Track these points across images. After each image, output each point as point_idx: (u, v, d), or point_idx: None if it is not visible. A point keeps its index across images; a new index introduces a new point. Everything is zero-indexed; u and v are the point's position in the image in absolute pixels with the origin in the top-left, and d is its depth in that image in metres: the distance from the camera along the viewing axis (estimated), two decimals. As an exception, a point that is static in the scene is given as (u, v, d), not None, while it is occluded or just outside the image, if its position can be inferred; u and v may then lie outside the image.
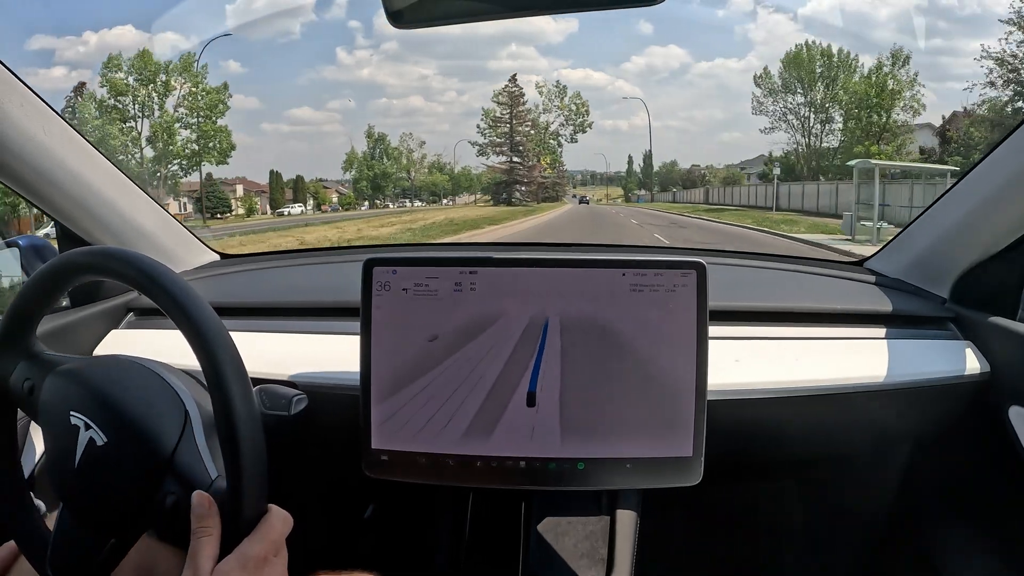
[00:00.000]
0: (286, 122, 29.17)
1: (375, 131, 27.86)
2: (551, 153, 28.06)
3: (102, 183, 1.01)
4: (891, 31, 23.38)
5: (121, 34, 18.86)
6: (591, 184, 30.95)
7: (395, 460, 0.74)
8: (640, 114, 32.10)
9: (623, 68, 32.33)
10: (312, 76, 29.18)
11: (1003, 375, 0.88)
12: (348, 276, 0.81)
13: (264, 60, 26.94)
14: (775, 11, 27.67)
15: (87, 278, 0.65)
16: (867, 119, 21.31)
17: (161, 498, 0.57)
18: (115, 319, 1.06)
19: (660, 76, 33.11)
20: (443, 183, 28.34)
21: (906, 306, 0.98)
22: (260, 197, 24.04)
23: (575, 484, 0.73)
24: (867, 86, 21.17)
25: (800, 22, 26.74)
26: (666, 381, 0.72)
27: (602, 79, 33.22)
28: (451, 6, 0.74)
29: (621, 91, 32.85)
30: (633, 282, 0.72)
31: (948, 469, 1.05)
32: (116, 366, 0.67)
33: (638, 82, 32.89)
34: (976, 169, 0.90)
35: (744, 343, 0.91)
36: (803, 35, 26.10)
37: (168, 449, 0.59)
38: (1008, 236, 0.88)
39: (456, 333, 0.73)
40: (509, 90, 27.78)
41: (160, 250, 1.13)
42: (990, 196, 0.88)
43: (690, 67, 32.40)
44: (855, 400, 0.87)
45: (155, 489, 0.58)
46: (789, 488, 1.26)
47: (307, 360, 0.89)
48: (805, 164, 22.45)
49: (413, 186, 27.89)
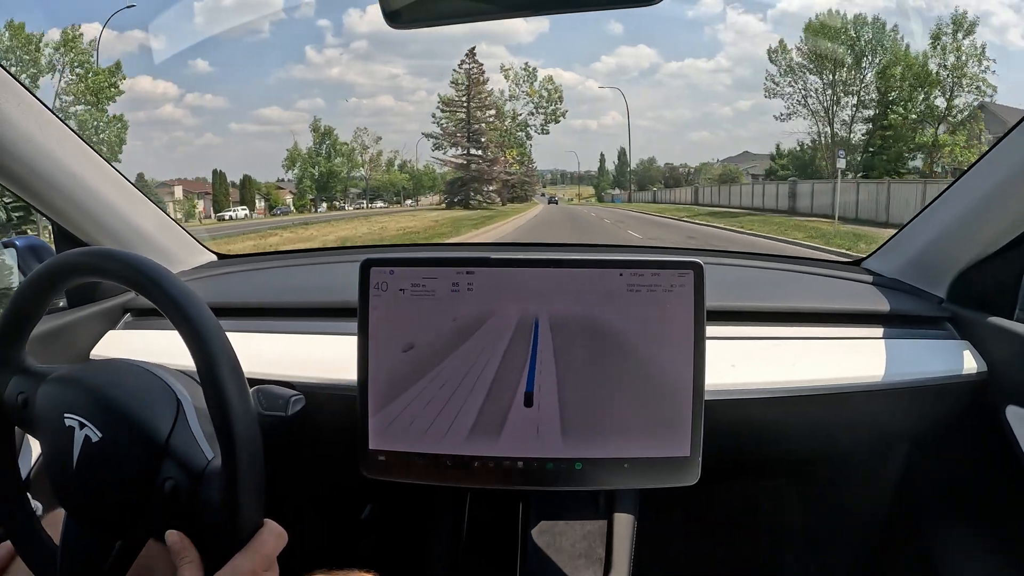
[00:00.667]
0: (254, 122, 28.52)
1: (321, 124, 23.69)
2: (519, 146, 23.67)
3: (99, 183, 1.00)
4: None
5: (84, 31, 18.42)
6: (561, 183, 29.68)
7: (392, 461, 0.74)
8: (611, 113, 31.81)
9: (593, 68, 32.31)
10: (281, 75, 28.52)
11: (1000, 374, 0.88)
12: (345, 276, 0.81)
13: (232, 59, 26.29)
14: (744, 11, 27.58)
15: (84, 279, 0.65)
16: (924, 100, 16.67)
17: (160, 484, 0.58)
18: (112, 320, 1.06)
19: (630, 76, 33.02)
20: (402, 182, 25.07)
21: (903, 306, 0.98)
22: (204, 199, 21.52)
23: (573, 484, 0.73)
24: (924, 59, 16.49)
25: (770, 22, 26.58)
26: (663, 381, 0.72)
27: (572, 79, 33.15)
28: (448, 6, 0.74)
29: (591, 91, 32.76)
30: (630, 282, 0.72)
31: (946, 469, 1.05)
32: (106, 367, 0.67)
33: (608, 82, 32.86)
34: (973, 169, 0.90)
35: (741, 343, 0.91)
36: (774, 35, 25.85)
37: (163, 435, 0.59)
38: (1005, 236, 0.89)
39: (453, 333, 0.73)
40: (467, 68, 22.75)
41: (157, 250, 1.13)
42: (987, 196, 0.88)
43: (660, 67, 32.48)
44: (853, 400, 0.87)
45: (153, 476, 0.58)
46: (787, 488, 1.26)
47: (304, 361, 0.89)
48: (825, 157, 18.55)
49: (369, 186, 24.51)
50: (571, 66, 35.45)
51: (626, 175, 27.45)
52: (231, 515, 0.56)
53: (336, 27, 29.82)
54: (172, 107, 22.52)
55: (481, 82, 22.94)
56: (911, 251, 1.05)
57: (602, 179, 28.66)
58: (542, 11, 0.78)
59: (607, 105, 33.69)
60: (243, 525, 0.56)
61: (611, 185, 28.36)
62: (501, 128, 23.22)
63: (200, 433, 0.61)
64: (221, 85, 25.90)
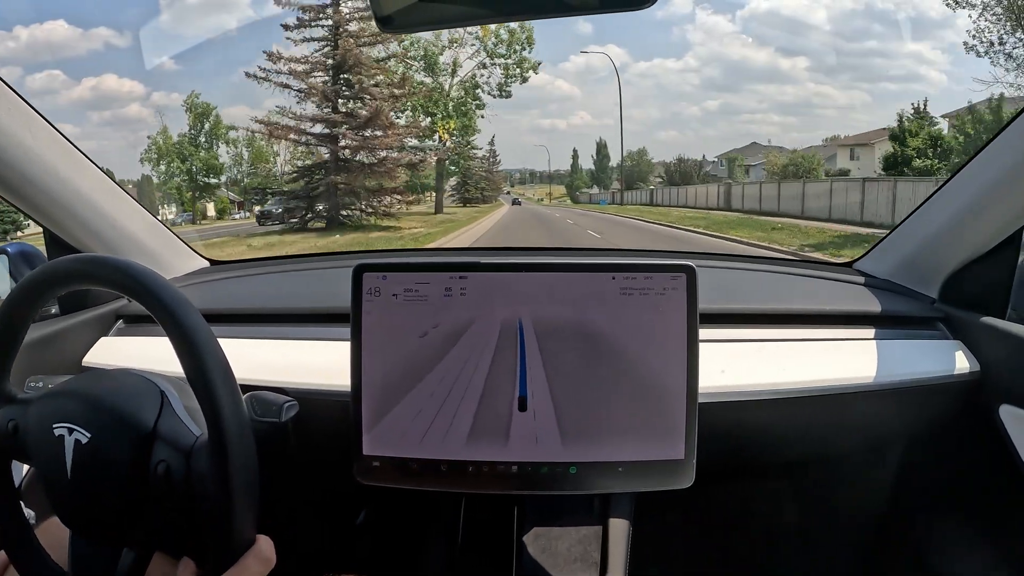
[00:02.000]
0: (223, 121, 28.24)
1: (199, 100, 15.39)
2: (462, 117, 15.08)
3: (91, 188, 1.00)
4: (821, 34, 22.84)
5: (52, 29, 18.05)
6: (530, 183, 28.06)
7: (387, 466, 0.74)
8: (580, 113, 31.51)
9: (562, 68, 32.28)
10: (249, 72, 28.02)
11: (993, 374, 0.89)
12: (338, 282, 0.81)
13: (199, 56, 25.68)
14: (714, 12, 27.55)
15: (76, 286, 0.65)
16: None
17: (154, 469, 0.59)
18: (105, 326, 1.05)
19: (599, 75, 32.94)
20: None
21: (896, 307, 0.98)
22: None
23: (567, 488, 0.73)
24: None
25: (738, 23, 26.51)
26: (657, 384, 0.72)
27: (541, 78, 33.14)
28: (440, 11, 0.74)
29: (560, 90, 32.55)
30: (623, 285, 0.72)
31: (940, 468, 1.06)
32: (89, 374, 0.68)
33: (576, 81, 32.74)
34: (964, 170, 0.91)
35: (735, 345, 0.91)
36: (741, 36, 25.64)
37: (150, 423, 0.61)
38: (997, 236, 0.89)
39: (447, 338, 0.73)
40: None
41: (149, 256, 1.13)
42: (978, 196, 0.88)
43: (628, 66, 32.52)
44: (846, 401, 0.87)
45: (146, 463, 0.59)
46: (782, 489, 1.27)
47: (298, 367, 0.88)
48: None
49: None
50: (540, 65, 35.52)
51: (607, 171, 23.65)
52: (225, 526, 0.56)
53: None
54: (139, 106, 21.89)
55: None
56: (903, 252, 1.05)
57: (575, 177, 26.53)
58: (535, 15, 0.78)
59: (575, 105, 33.63)
60: (236, 541, 0.57)
61: (588, 183, 25.94)
62: (416, 87, 14.25)
63: (185, 414, 0.63)
64: (188, 83, 25.28)
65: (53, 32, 17.55)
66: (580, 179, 26.25)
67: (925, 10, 20.70)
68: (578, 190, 25.97)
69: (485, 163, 19.71)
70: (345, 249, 9.51)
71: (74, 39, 18.47)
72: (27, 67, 16.91)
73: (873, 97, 23.44)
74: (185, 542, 0.62)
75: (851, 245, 9.70)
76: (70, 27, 17.70)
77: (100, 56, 18.47)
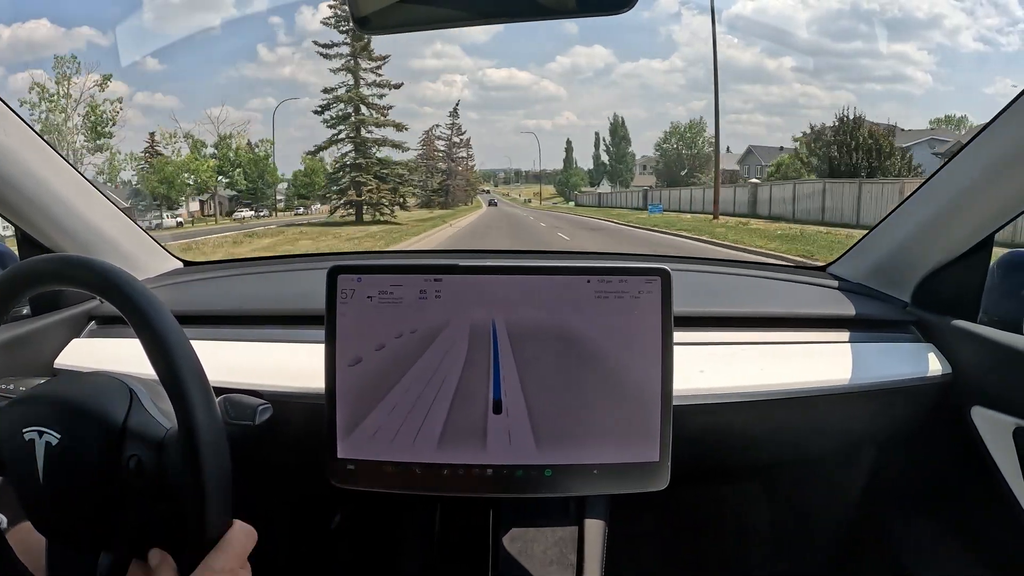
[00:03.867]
0: (205, 121, 27.90)
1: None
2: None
3: (64, 187, 0.99)
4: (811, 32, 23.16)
5: (35, 28, 17.74)
6: (515, 183, 27.42)
7: (361, 469, 0.73)
8: (565, 113, 31.60)
9: (548, 68, 32.38)
10: (232, 74, 27.17)
11: (965, 376, 0.90)
12: (313, 284, 0.80)
13: (183, 57, 25.02)
14: (699, 13, 27.66)
15: (48, 286, 0.64)
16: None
17: (125, 464, 0.59)
18: (77, 328, 1.03)
19: (585, 76, 33.27)
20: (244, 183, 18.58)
21: (869, 310, 1.00)
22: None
23: (543, 491, 0.73)
24: None
25: (724, 23, 26.70)
26: (632, 387, 0.72)
27: (527, 78, 33.16)
28: (418, 12, 0.74)
29: (545, 91, 32.62)
30: (598, 289, 0.72)
31: (914, 469, 1.07)
32: (56, 378, 0.68)
33: (562, 81, 32.93)
34: (936, 176, 0.92)
35: (710, 348, 0.91)
36: (727, 36, 25.83)
37: (119, 420, 0.61)
38: (967, 241, 0.91)
39: (421, 341, 0.72)
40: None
41: (122, 257, 1.11)
42: (950, 202, 0.90)
43: (615, 67, 32.68)
44: (820, 403, 0.88)
45: (117, 459, 0.59)
46: (758, 491, 1.28)
47: (272, 369, 0.88)
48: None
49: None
50: (526, 66, 35.43)
51: (626, 160, 19.85)
52: (199, 519, 0.56)
53: (288, 24, 28.39)
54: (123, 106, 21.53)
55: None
56: (876, 257, 1.07)
57: (570, 173, 23.43)
58: (511, 19, 0.78)
59: (561, 105, 33.71)
60: (212, 527, 0.57)
61: (588, 182, 22.46)
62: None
63: (154, 409, 0.63)
64: (172, 84, 24.79)
65: (35, 31, 17.32)
66: (576, 175, 23.45)
67: (911, 11, 20.99)
68: (575, 188, 22.88)
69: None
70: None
71: (56, 38, 18.24)
72: (9, 67, 16.69)
73: (859, 97, 23.78)
74: (163, 541, 0.62)
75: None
76: (52, 26, 17.48)
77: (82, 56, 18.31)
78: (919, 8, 20.64)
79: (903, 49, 23.07)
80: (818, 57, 23.37)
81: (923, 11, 21.66)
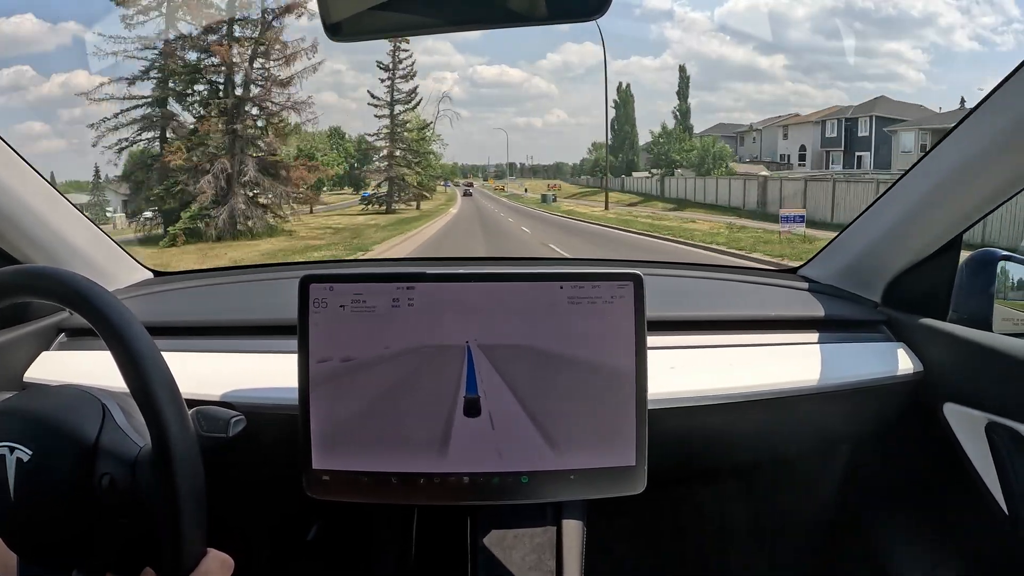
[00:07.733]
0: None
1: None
2: None
3: (31, 196, 0.97)
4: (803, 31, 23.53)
5: (20, 23, 17.28)
6: (510, 176, 27.01)
7: (337, 480, 0.73)
8: (555, 111, 31.58)
9: (539, 65, 32.29)
10: None
11: (936, 374, 0.92)
12: (284, 293, 0.80)
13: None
14: (692, 10, 27.78)
15: (15, 298, 0.63)
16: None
17: (98, 482, 0.58)
18: (46, 340, 1.01)
19: (575, 73, 33.12)
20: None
21: (840, 311, 1.01)
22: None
23: (520, 497, 0.73)
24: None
25: (716, 21, 26.97)
26: (607, 392, 0.72)
27: (518, 76, 33.04)
28: (388, 20, 0.74)
29: (537, 88, 32.60)
30: (571, 295, 0.72)
31: (889, 466, 1.09)
32: (28, 393, 0.66)
33: (553, 79, 32.77)
34: (905, 177, 0.94)
35: (683, 352, 0.92)
36: (718, 35, 25.96)
37: (91, 437, 0.60)
38: (936, 241, 0.92)
39: (395, 349, 0.72)
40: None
41: (91, 267, 1.09)
42: (919, 204, 0.91)
43: (606, 64, 32.85)
44: (794, 404, 0.89)
45: (90, 477, 0.58)
46: (735, 491, 1.29)
47: (244, 380, 0.86)
48: None
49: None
50: (516, 63, 35.23)
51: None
52: (174, 542, 0.55)
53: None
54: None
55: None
56: (846, 258, 1.08)
57: (628, 150, 19.63)
58: (481, 26, 0.78)
59: (552, 103, 33.75)
60: (186, 555, 0.56)
61: (626, 168, 19.37)
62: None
63: (128, 426, 0.62)
64: None
65: (20, 26, 16.94)
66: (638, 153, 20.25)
67: (906, 9, 21.31)
68: (625, 174, 20.07)
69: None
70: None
71: (42, 33, 17.86)
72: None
73: (850, 96, 24.05)
74: (136, 560, 0.61)
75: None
76: (38, 21, 17.12)
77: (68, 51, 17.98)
78: (913, 7, 20.96)
79: (897, 47, 23.42)
80: (810, 55, 23.62)
81: (917, 9, 21.99)
